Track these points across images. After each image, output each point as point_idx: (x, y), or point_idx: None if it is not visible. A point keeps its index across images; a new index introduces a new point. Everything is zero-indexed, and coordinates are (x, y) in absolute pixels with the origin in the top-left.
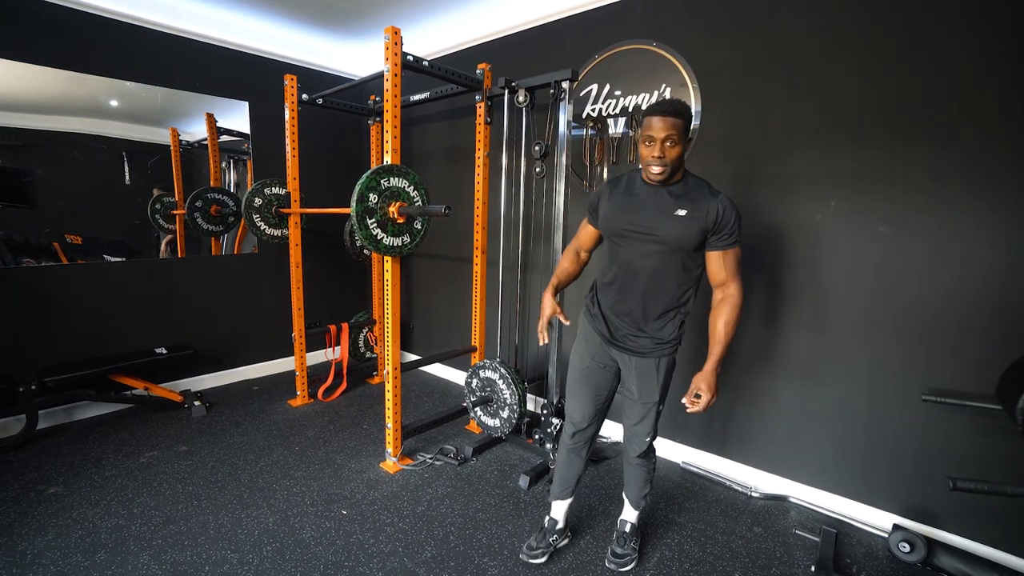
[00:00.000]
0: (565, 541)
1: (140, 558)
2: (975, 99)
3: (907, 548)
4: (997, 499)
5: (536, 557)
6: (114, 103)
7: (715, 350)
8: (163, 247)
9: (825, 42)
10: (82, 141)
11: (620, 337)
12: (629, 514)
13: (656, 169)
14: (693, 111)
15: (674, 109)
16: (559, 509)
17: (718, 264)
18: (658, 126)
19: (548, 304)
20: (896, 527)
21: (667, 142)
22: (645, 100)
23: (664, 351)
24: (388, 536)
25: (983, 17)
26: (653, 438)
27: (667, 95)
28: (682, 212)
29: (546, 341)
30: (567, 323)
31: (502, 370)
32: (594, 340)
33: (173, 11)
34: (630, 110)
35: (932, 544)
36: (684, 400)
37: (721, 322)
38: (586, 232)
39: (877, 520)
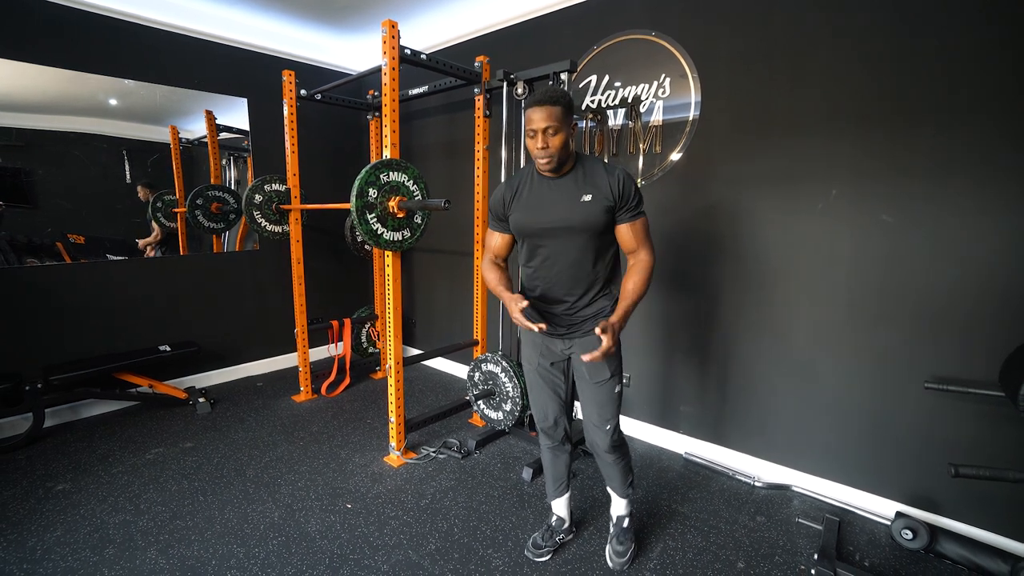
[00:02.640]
0: (570, 536)
1: (148, 553)
2: (979, 87)
3: (910, 535)
4: (999, 485)
5: (542, 556)
6: (114, 102)
7: (623, 304)
8: (148, 251)
9: (826, 30)
10: (82, 140)
11: (567, 324)
12: (619, 506)
13: (543, 160)
14: (689, 94)
15: (550, 97)
16: (561, 507)
17: (628, 235)
18: (537, 117)
19: (512, 299)
20: (899, 514)
21: (548, 131)
22: (645, 91)
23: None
24: (393, 529)
25: (986, 4)
26: (616, 425)
27: (667, 86)
28: (587, 197)
29: (539, 326)
30: (530, 324)
31: (504, 363)
32: (535, 339)
33: (172, 8)
34: (630, 101)
35: (935, 531)
36: (585, 357)
37: (631, 283)
38: (498, 242)
39: (880, 508)
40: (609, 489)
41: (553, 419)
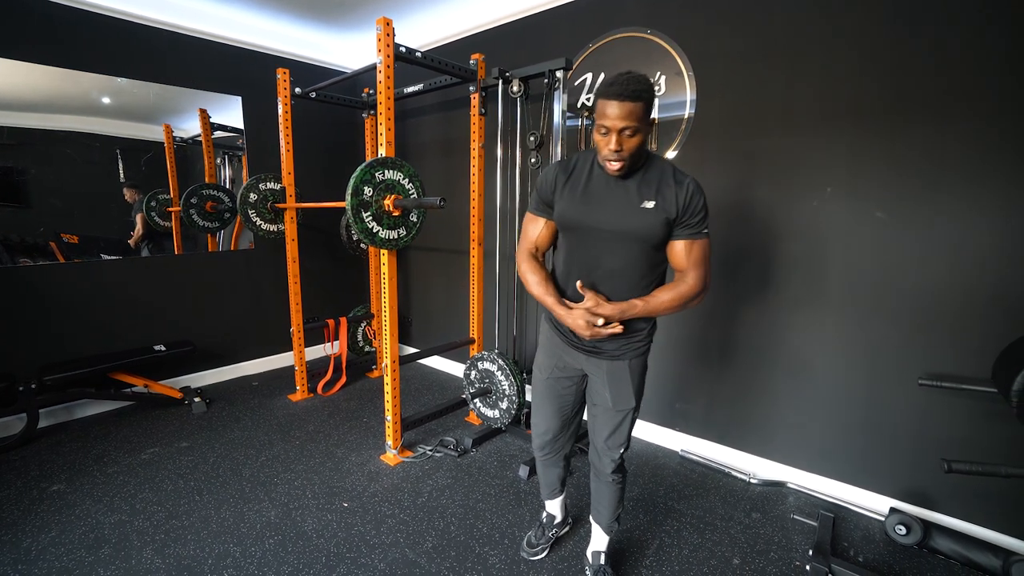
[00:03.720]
0: (566, 530)
1: (143, 553)
2: (973, 85)
3: (903, 531)
4: (992, 481)
5: (536, 554)
6: (107, 100)
7: (637, 302)
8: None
9: (822, 28)
10: (75, 139)
11: (588, 343)
12: (600, 542)
13: (614, 165)
14: (685, 92)
15: (633, 92)
16: (553, 506)
17: (681, 255)
18: (613, 114)
19: (577, 317)
20: (893, 510)
21: (625, 131)
22: None
23: (637, 350)
24: (389, 527)
25: (985, 4)
26: (627, 449)
27: (662, 83)
28: (650, 204)
29: (611, 328)
30: (615, 328)
31: (500, 361)
32: (555, 349)
33: (165, 6)
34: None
35: (928, 526)
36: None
37: (664, 294)
38: (541, 231)
39: (874, 504)
40: (593, 522)
41: (552, 435)
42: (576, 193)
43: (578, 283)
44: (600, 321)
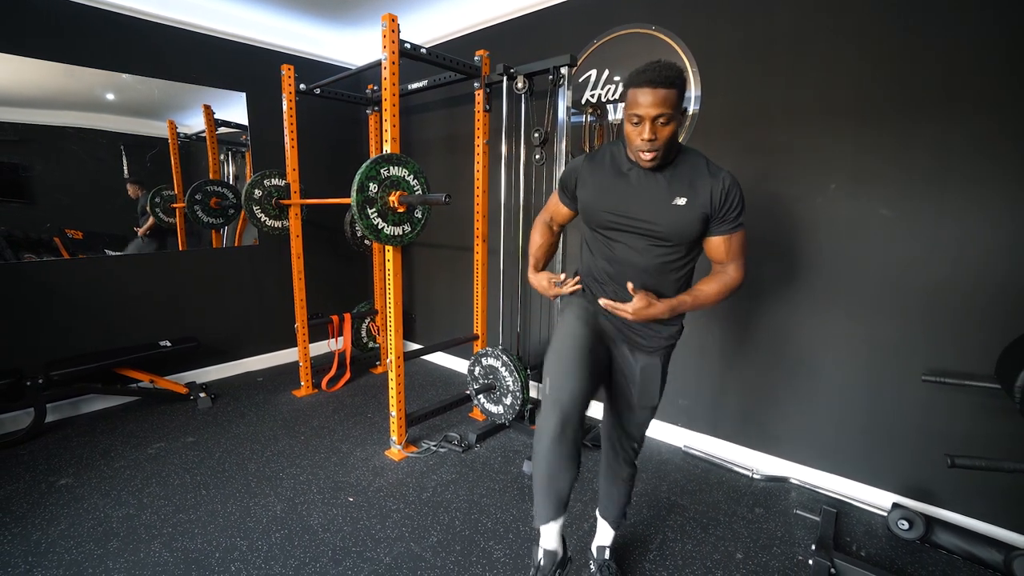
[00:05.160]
0: (565, 570)
1: (152, 546)
2: (977, 81)
3: (906, 526)
4: (995, 476)
5: None
6: (110, 96)
7: (684, 297)
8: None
9: (826, 24)
10: (79, 135)
11: (624, 332)
12: (605, 537)
13: (648, 156)
14: (690, 87)
15: (666, 78)
16: (551, 535)
17: (721, 249)
18: (646, 101)
19: (541, 278)
20: (895, 505)
21: (659, 120)
22: None
23: (670, 344)
24: (394, 522)
25: (988, 2)
26: (641, 446)
27: None
28: (682, 201)
29: (572, 285)
30: (575, 286)
31: (504, 357)
32: (593, 308)
33: (168, 2)
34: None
35: (930, 521)
36: (601, 300)
37: (707, 286)
38: (560, 210)
39: (877, 499)
40: (601, 517)
41: (581, 398)
42: (600, 184)
43: (629, 285)
44: (639, 309)
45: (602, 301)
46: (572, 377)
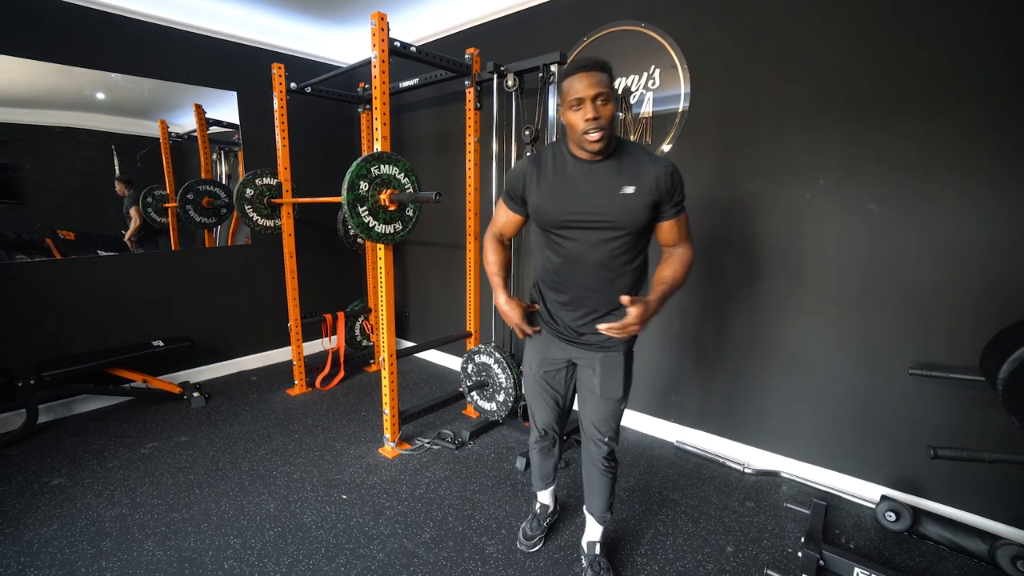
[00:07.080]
0: (556, 516)
1: (145, 545)
2: (967, 79)
3: (893, 517)
4: (978, 467)
5: (534, 546)
6: (100, 96)
7: (659, 288)
8: (131, 245)
9: (815, 20)
10: (70, 135)
11: (575, 334)
12: (594, 532)
13: (595, 135)
14: (679, 84)
15: (596, 63)
16: (546, 496)
17: (672, 232)
18: (582, 85)
19: (512, 307)
20: (883, 498)
21: (599, 99)
22: (635, 82)
23: (627, 341)
24: (388, 519)
25: None
26: (616, 440)
27: (656, 77)
28: (629, 189)
29: (533, 329)
30: (534, 330)
31: (497, 355)
32: (541, 343)
33: (157, 1)
34: (620, 93)
35: (917, 513)
36: (601, 327)
37: (669, 271)
38: (508, 219)
39: (865, 492)
40: (587, 512)
41: (549, 426)
42: (547, 185)
43: (623, 298)
44: (633, 322)
45: (602, 327)
46: (541, 409)
